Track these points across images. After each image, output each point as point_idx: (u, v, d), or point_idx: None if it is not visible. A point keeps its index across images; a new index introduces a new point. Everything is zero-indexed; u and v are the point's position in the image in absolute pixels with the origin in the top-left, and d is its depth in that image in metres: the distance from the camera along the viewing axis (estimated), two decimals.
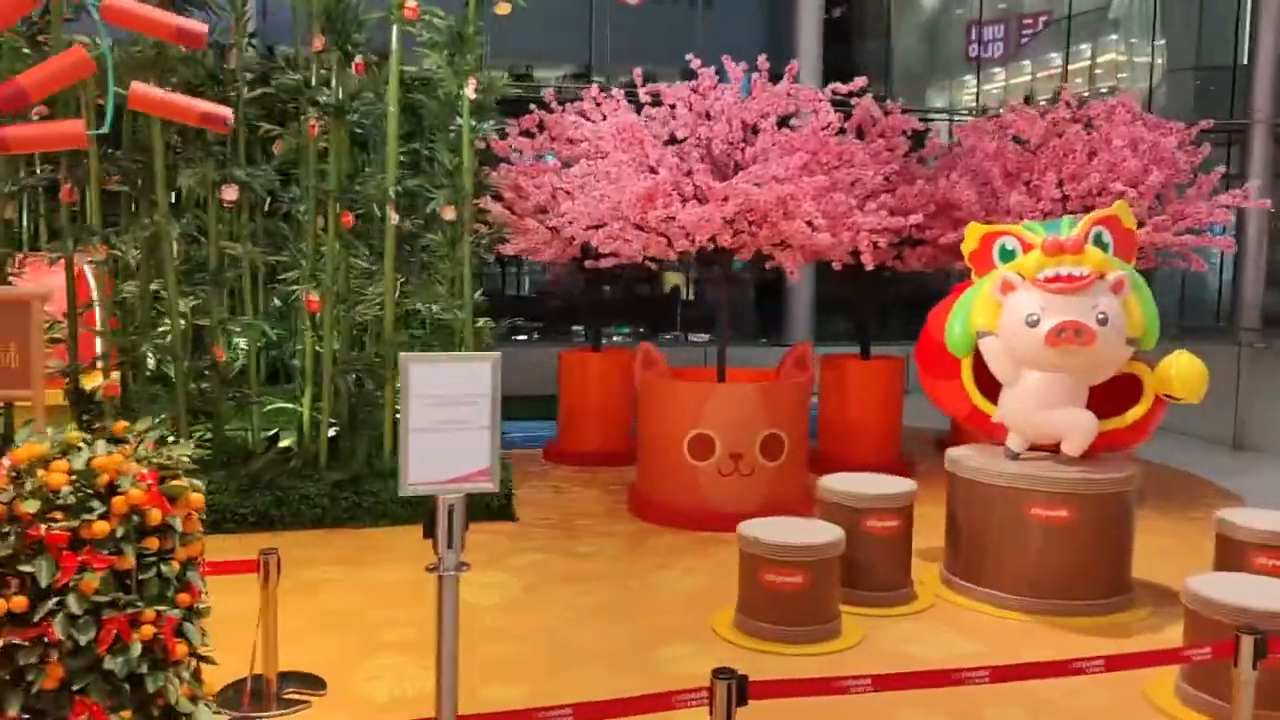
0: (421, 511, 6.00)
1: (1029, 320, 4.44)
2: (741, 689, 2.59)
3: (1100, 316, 4.36)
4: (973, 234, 4.90)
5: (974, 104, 19.88)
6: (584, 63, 12.58)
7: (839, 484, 4.77)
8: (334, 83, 5.78)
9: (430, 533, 2.50)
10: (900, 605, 4.66)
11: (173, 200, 5.98)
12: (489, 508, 6.01)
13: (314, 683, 3.78)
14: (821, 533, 4.30)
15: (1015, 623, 4.50)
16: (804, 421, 6.27)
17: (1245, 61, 15.52)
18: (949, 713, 3.57)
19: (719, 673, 2.60)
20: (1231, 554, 4.62)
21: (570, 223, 6.13)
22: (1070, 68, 22.91)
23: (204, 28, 3.83)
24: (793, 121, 6.40)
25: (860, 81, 5.96)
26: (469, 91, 5.79)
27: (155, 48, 5.37)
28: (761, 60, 6.11)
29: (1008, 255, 4.72)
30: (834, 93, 5.99)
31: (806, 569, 4.17)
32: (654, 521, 6.06)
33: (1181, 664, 3.62)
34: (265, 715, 3.52)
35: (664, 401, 6.13)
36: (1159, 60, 20.71)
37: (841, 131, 6.18)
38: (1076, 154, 6.27)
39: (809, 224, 5.53)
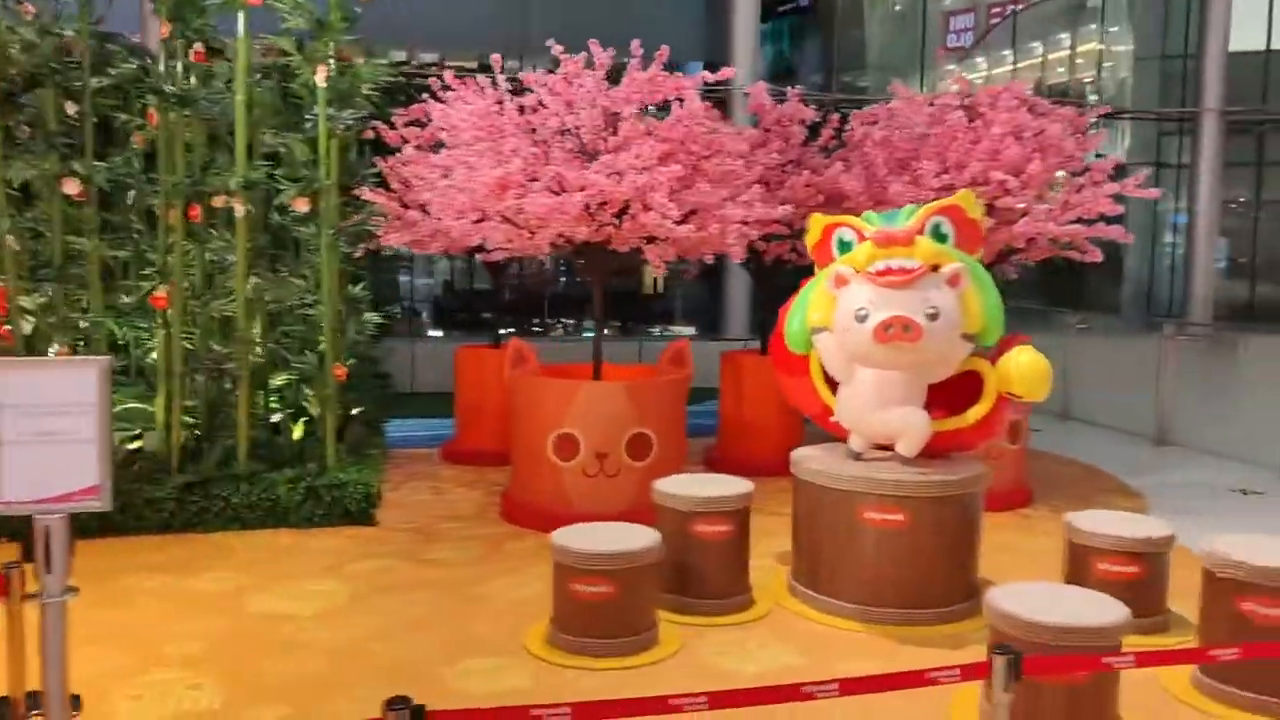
0: (274, 516, 5.84)
1: (858, 315, 4.22)
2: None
3: (930, 311, 4.14)
4: (815, 225, 4.68)
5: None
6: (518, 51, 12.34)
7: (671, 486, 4.56)
8: (179, 71, 5.56)
9: (29, 557, 2.27)
10: (733, 614, 4.44)
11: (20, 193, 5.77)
12: (349, 512, 5.81)
13: (72, 703, 3.57)
14: (635, 539, 4.09)
15: (847, 633, 4.29)
16: (678, 420, 6.05)
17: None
18: None
19: (392, 703, 2.40)
20: (1077, 560, 4.42)
21: (439, 216, 5.91)
22: (1050, 56, 22.72)
23: None
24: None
25: (728, 71, 5.71)
26: (319, 79, 5.57)
27: None
28: (635, 45, 5.87)
29: (845, 247, 4.50)
30: (704, 81, 5.75)
31: (615, 578, 3.96)
32: (523, 525, 5.85)
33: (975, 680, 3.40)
34: None
35: (530, 400, 5.91)
36: (1128, 49, 20.53)
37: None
38: (959, 141, 6.04)
39: (670, 217, 5.29)
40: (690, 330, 13.47)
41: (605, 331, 6.58)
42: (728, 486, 4.58)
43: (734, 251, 5.75)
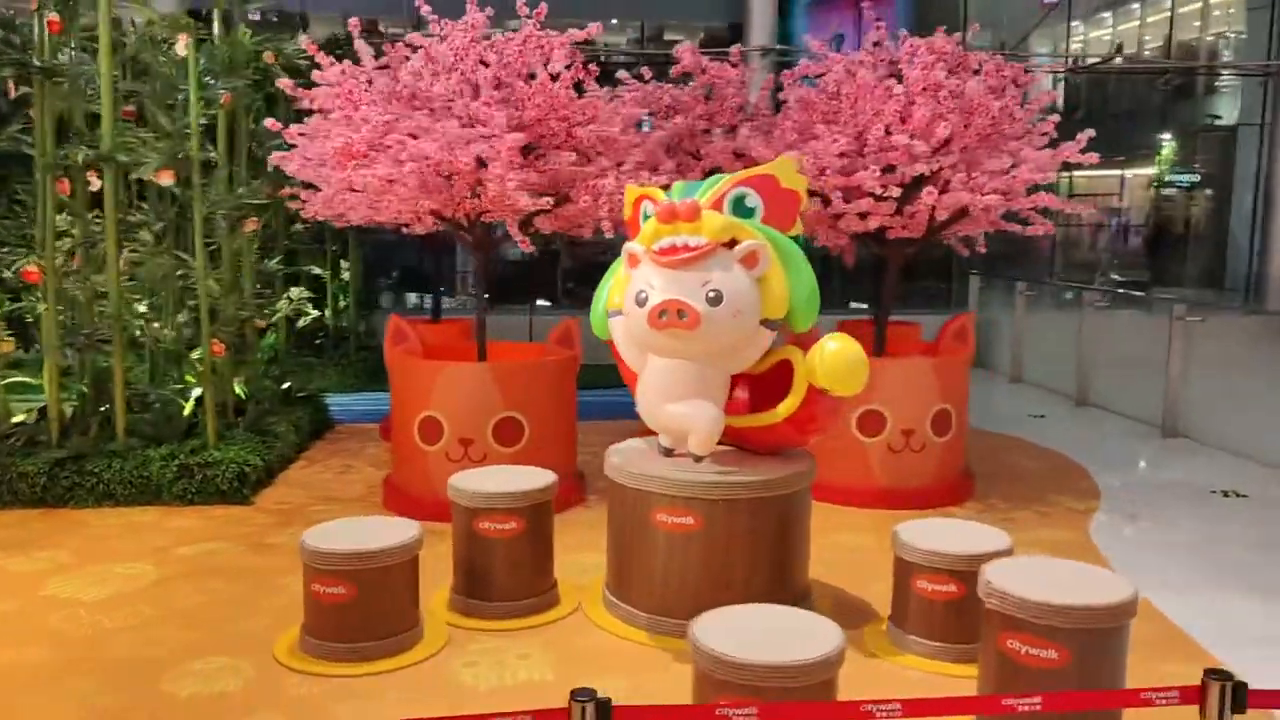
0: (147, 493, 5.77)
1: (638, 299, 3.80)
2: None
3: (711, 294, 3.68)
4: (629, 196, 4.24)
5: (1081, 51, 18.40)
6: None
7: (461, 480, 4.24)
8: (40, 43, 5.49)
9: None
10: (523, 618, 4.11)
11: None
12: (221, 491, 5.71)
13: None
14: (383, 537, 3.80)
15: (631, 646, 3.91)
16: (562, 404, 5.71)
17: None
18: None
19: None
20: (900, 574, 3.92)
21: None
22: (1181, 11, 20.98)
23: None
24: None
25: (594, 28, 5.27)
26: (179, 48, 5.41)
27: None
28: (520, 5, 5.50)
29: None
30: (572, 39, 5.32)
31: (354, 579, 3.69)
32: (398, 511, 5.59)
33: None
34: None
35: (401, 380, 5.68)
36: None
37: None
38: (866, 102, 5.46)
39: (507, 188, 4.93)
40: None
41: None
42: (524, 480, 4.23)
43: (605, 225, 5.35)
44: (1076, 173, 16.60)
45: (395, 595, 3.79)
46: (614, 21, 13.27)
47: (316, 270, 9.89)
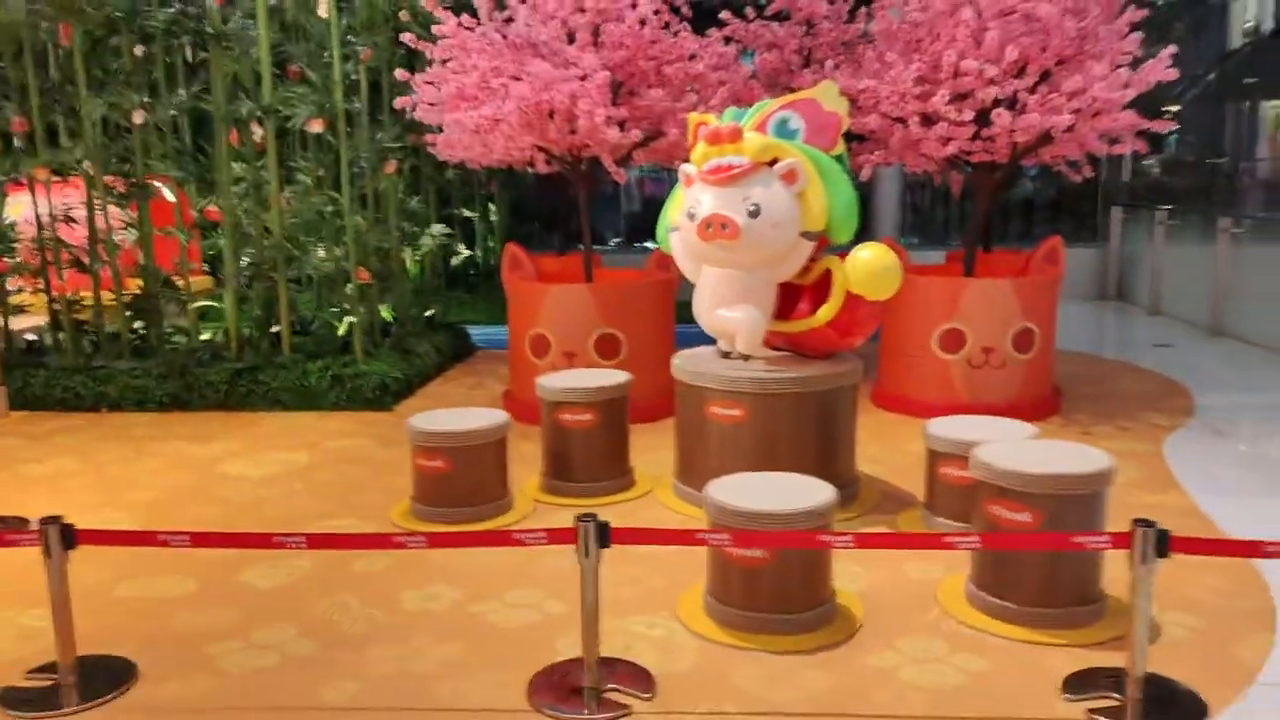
0: (308, 399, 6.72)
1: (689, 213, 4.30)
2: None
3: (751, 208, 4.13)
4: (691, 123, 4.71)
5: None
6: None
7: (548, 380, 4.89)
8: (215, 10, 6.42)
9: None
10: (601, 497, 4.73)
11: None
12: (367, 399, 6.59)
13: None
14: (477, 420, 4.48)
15: (689, 520, 4.46)
16: (659, 321, 6.27)
17: None
18: None
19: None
20: (931, 464, 4.30)
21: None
22: None
23: None
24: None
25: None
26: (321, 11, 6.21)
27: None
28: None
29: None
30: None
31: (449, 454, 4.40)
32: (516, 418, 6.34)
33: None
34: None
35: (515, 303, 6.38)
36: None
37: None
38: (941, 28, 5.67)
39: (596, 121, 5.49)
40: None
41: None
42: (601, 379, 4.83)
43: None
44: None
45: (486, 470, 4.48)
46: None
47: (467, 212, 10.78)
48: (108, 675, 3.09)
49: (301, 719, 2.90)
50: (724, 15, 6.99)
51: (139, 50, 6.56)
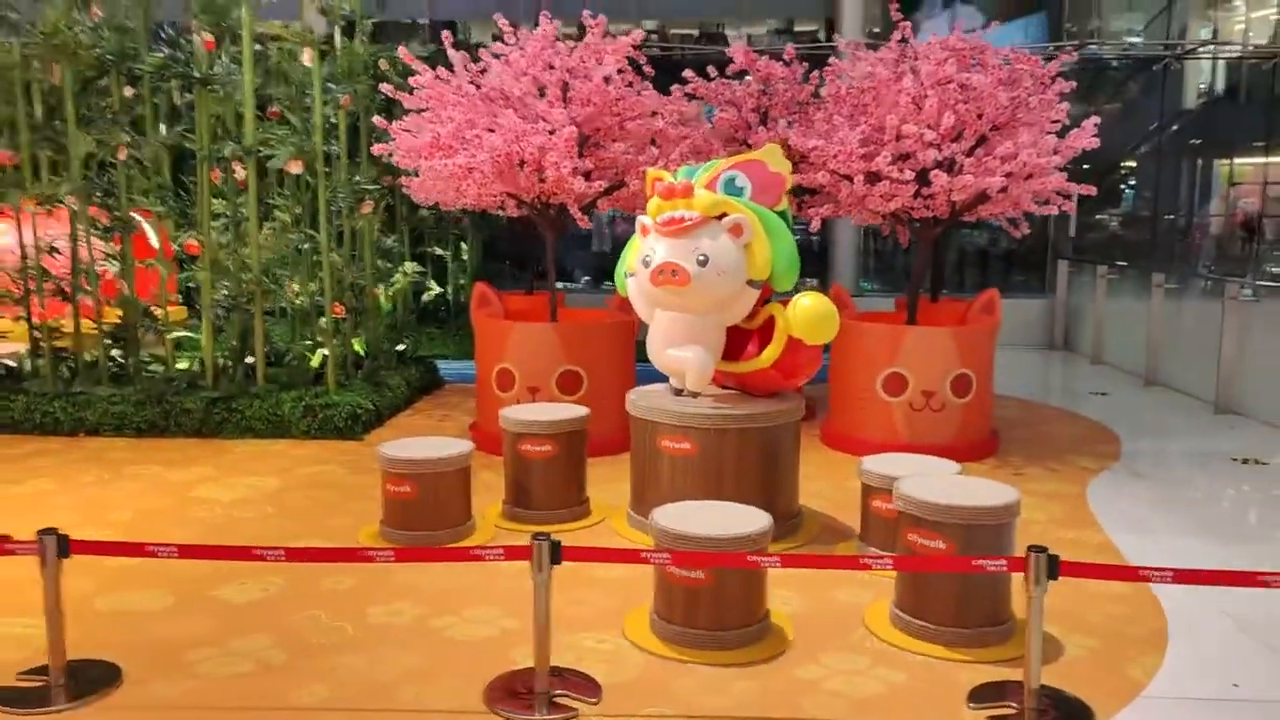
0: (280, 428, 6.97)
1: (644, 260, 4.66)
2: None
3: (700, 258, 4.50)
4: (649, 177, 5.09)
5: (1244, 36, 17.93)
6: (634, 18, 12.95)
7: (511, 411, 5.20)
8: (203, 56, 6.75)
9: None
10: (554, 524, 5.01)
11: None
12: (338, 428, 6.86)
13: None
14: (445, 449, 4.78)
15: (638, 547, 4.77)
16: (619, 359, 6.60)
17: None
18: None
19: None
20: (866, 497, 4.64)
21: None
22: None
23: None
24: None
25: (637, 35, 6.13)
26: (304, 59, 6.56)
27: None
28: (584, 15, 6.41)
29: None
30: (633, 41, 6.18)
31: (415, 480, 4.69)
32: (482, 449, 6.65)
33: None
34: None
35: (482, 338, 6.70)
36: None
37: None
38: (882, 95, 6.12)
39: (563, 173, 5.86)
40: None
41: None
42: (560, 412, 5.15)
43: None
44: (1238, 160, 15.97)
45: (450, 496, 4.77)
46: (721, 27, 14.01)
47: (439, 250, 11.12)
48: (94, 678, 3.34)
49: (275, 719, 3.17)
50: (687, 73, 7.42)
51: (128, 91, 6.86)
